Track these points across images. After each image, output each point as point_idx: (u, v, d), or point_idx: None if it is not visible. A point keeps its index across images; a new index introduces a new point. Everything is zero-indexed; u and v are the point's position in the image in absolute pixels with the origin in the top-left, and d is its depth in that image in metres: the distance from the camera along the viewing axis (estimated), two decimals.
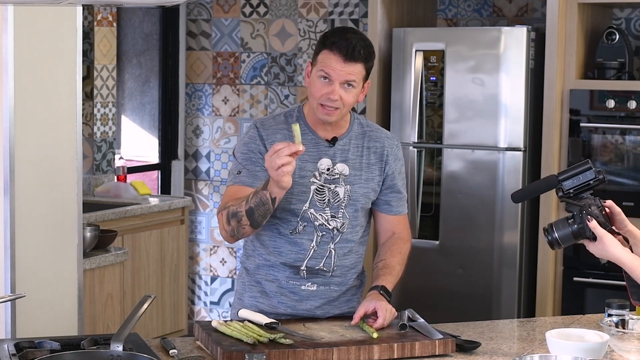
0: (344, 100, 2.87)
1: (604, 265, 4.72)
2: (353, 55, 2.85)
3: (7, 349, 2.51)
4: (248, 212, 2.80)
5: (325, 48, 2.88)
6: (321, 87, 2.87)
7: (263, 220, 2.83)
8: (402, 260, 3.04)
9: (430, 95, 5.07)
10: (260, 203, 2.77)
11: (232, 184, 2.95)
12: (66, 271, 3.42)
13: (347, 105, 2.89)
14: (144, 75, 6.58)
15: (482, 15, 5.64)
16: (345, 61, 2.85)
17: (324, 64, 2.86)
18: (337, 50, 2.85)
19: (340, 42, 2.85)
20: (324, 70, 2.86)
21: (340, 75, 2.85)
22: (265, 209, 2.78)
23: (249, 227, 2.83)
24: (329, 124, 2.94)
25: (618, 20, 5.22)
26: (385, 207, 3.05)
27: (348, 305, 3.02)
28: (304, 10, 6.11)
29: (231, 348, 2.56)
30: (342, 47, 2.84)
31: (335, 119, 2.92)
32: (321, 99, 2.87)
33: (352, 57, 2.85)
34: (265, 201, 2.76)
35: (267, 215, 2.81)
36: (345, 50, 2.84)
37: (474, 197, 4.95)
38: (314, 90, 2.89)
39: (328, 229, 2.94)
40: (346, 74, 2.85)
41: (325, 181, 2.94)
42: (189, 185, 6.55)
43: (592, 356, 2.53)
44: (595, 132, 4.77)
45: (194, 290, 6.54)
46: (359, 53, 2.86)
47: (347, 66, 2.85)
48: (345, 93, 2.87)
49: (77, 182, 3.42)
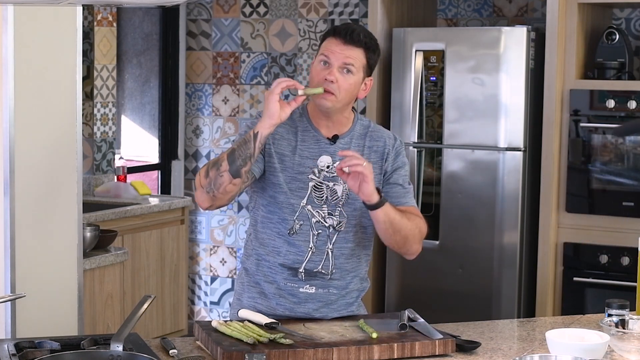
0: (341, 84, 2.85)
1: (604, 265, 4.72)
2: (352, 37, 2.87)
3: (7, 349, 2.51)
4: (229, 154, 2.75)
5: (328, 36, 2.92)
6: (320, 70, 2.88)
7: (243, 166, 2.74)
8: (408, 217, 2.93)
9: (430, 95, 5.07)
10: (242, 142, 2.74)
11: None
12: (66, 271, 3.42)
13: (342, 91, 2.86)
14: (144, 75, 6.58)
15: (482, 15, 5.64)
16: (345, 43, 2.87)
17: (324, 48, 2.90)
18: (338, 35, 2.89)
19: (341, 27, 2.91)
20: (324, 54, 2.88)
21: (338, 58, 2.86)
22: (247, 148, 2.72)
23: (227, 173, 2.74)
24: (332, 120, 2.94)
25: (618, 20, 5.23)
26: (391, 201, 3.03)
27: (347, 309, 3.01)
28: (304, 10, 6.12)
29: (231, 348, 2.56)
30: (342, 31, 2.88)
31: (331, 105, 2.88)
32: (319, 82, 2.87)
33: (351, 40, 2.87)
34: (247, 139, 2.73)
35: (247, 158, 2.73)
36: (345, 32, 2.88)
37: (474, 197, 4.95)
38: (313, 75, 2.90)
39: (324, 227, 2.93)
40: (344, 57, 2.86)
41: (324, 178, 2.93)
42: (189, 185, 6.55)
43: (592, 356, 2.53)
44: (595, 132, 4.77)
45: (194, 290, 6.54)
46: (359, 36, 2.88)
47: (346, 49, 2.86)
48: (342, 78, 2.86)
49: (77, 182, 3.42)
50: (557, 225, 4.85)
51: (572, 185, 4.80)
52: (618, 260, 4.68)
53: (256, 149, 2.74)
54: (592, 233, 4.77)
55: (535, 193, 4.90)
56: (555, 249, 4.84)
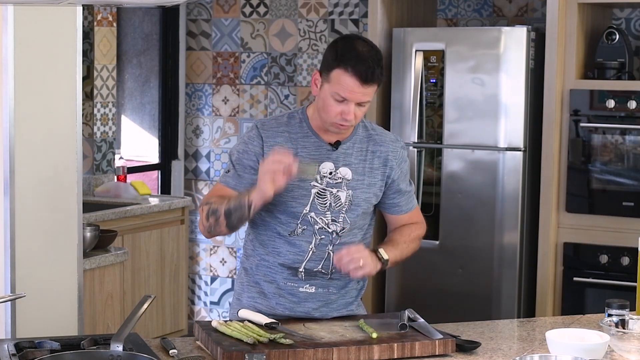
0: (357, 117, 2.86)
1: (604, 265, 4.72)
2: (372, 78, 2.80)
3: (7, 349, 2.51)
4: (226, 213, 2.81)
5: (341, 67, 2.80)
6: (336, 105, 2.82)
7: (239, 224, 2.85)
8: (411, 242, 3.01)
9: (430, 96, 5.07)
10: (238, 206, 2.79)
11: (219, 182, 2.97)
12: (66, 271, 3.42)
13: (358, 119, 2.88)
14: (144, 75, 6.58)
15: (482, 15, 5.64)
16: (363, 84, 2.79)
17: (340, 87, 2.80)
18: (354, 74, 2.78)
19: (357, 65, 2.78)
20: (340, 94, 2.80)
21: (356, 98, 2.81)
22: (242, 213, 2.79)
23: (225, 227, 2.84)
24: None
25: (618, 20, 5.23)
26: (395, 209, 3.04)
27: (347, 308, 3.01)
28: (304, 10, 6.11)
29: (231, 348, 2.56)
30: (361, 72, 2.77)
31: (347, 133, 2.93)
32: (336, 117, 2.84)
33: (371, 80, 2.80)
34: (242, 205, 2.77)
35: (243, 220, 2.83)
36: (364, 74, 2.78)
37: (474, 197, 4.95)
38: (327, 107, 2.84)
39: (327, 232, 2.93)
40: (362, 96, 2.81)
41: (327, 185, 2.92)
42: (189, 185, 6.55)
43: (592, 356, 2.53)
44: (595, 132, 4.77)
45: (194, 290, 6.54)
46: (378, 76, 2.81)
47: (364, 89, 2.80)
48: (358, 110, 2.85)
49: (77, 182, 3.42)
50: (557, 225, 4.85)
51: (572, 185, 4.80)
52: (618, 260, 4.68)
53: (251, 215, 2.81)
54: (592, 233, 4.77)
55: (535, 193, 4.90)
56: (555, 249, 4.84)
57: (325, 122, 2.88)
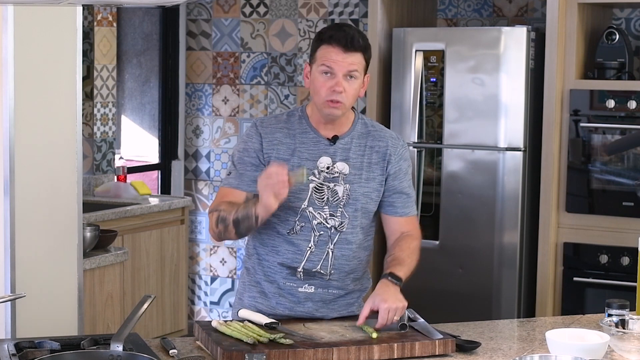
0: (347, 92, 2.87)
1: (604, 265, 4.72)
2: (352, 44, 2.86)
3: (7, 349, 2.51)
4: (234, 222, 2.85)
5: (323, 43, 2.89)
6: (324, 81, 2.87)
7: (248, 233, 2.91)
8: (412, 254, 3.01)
9: (430, 95, 5.07)
10: (245, 217, 2.83)
11: (222, 185, 3.00)
12: (66, 271, 3.42)
13: (349, 97, 2.89)
14: (144, 75, 6.58)
15: (482, 15, 5.64)
16: (346, 51, 2.85)
17: (325, 58, 2.87)
18: (336, 42, 2.86)
19: (337, 34, 2.87)
20: (325, 64, 2.86)
21: (342, 67, 2.85)
22: (249, 223, 2.83)
23: (234, 234, 2.89)
24: (332, 122, 2.94)
25: (618, 20, 5.23)
26: (390, 209, 3.03)
27: (348, 309, 3.01)
28: (304, 10, 6.12)
29: (231, 348, 2.56)
30: (341, 38, 2.86)
31: (341, 113, 2.91)
32: (327, 93, 2.86)
33: (352, 47, 2.86)
34: (250, 216, 2.82)
35: (251, 229, 2.88)
36: (344, 40, 2.85)
37: (474, 197, 4.95)
38: (317, 87, 2.88)
39: (326, 228, 2.93)
40: (348, 64, 2.86)
41: (324, 179, 2.93)
42: (189, 185, 6.55)
43: (592, 356, 2.53)
44: (595, 132, 4.77)
45: (194, 290, 6.54)
46: (358, 42, 2.87)
47: (348, 56, 2.86)
48: (348, 85, 2.87)
49: (77, 182, 3.42)
50: (557, 225, 4.85)
51: (572, 185, 4.80)
52: (618, 260, 4.68)
53: (258, 226, 2.86)
54: (592, 233, 4.77)
55: (535, 193, 4.90)
56: (555, 249, 4.84)
57: (319, 105, 2.90)
